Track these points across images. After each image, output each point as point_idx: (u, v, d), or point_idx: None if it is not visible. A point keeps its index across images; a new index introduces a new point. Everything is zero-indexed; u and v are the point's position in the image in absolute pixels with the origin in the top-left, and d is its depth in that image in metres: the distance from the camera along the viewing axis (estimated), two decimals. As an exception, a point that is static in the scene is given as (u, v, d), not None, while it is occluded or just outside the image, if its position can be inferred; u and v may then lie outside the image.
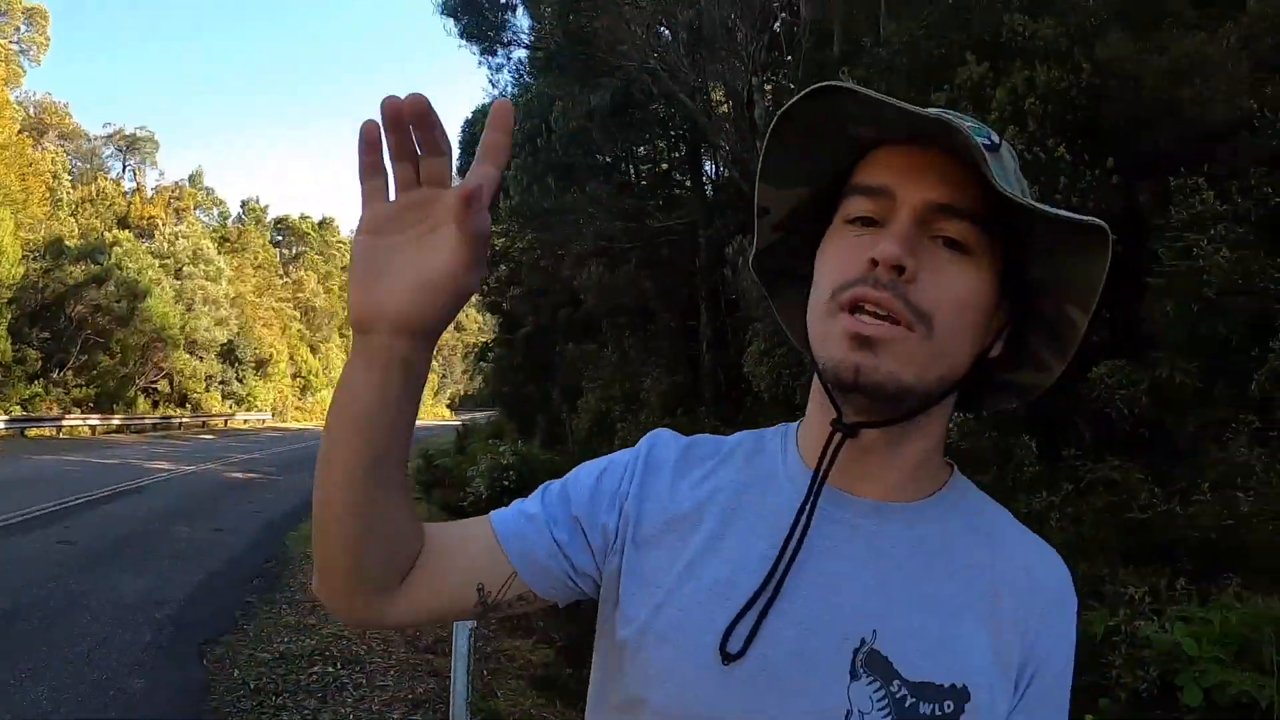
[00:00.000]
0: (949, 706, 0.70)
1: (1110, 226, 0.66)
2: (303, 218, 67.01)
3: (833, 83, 0.67)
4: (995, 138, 0.70)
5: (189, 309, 36.27)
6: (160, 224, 39.96)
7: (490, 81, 14.70)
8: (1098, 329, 5.22)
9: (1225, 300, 4.69)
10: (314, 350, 53.70)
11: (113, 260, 30.89)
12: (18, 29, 32.15)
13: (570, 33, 11.74)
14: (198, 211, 47.92)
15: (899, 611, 0.71)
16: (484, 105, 14.34)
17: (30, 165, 29.72)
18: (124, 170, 47.10)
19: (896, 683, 0.69)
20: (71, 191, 36.27)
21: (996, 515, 0.80)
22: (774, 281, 0.85)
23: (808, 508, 0.73)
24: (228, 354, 40.33)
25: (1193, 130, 5.25)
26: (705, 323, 11.94)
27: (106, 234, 33.10)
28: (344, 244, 72.86)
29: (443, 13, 12.42)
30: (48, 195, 31.09)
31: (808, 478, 0.75)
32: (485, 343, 27.12)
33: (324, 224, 69.12)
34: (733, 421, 10.28)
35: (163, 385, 34.59)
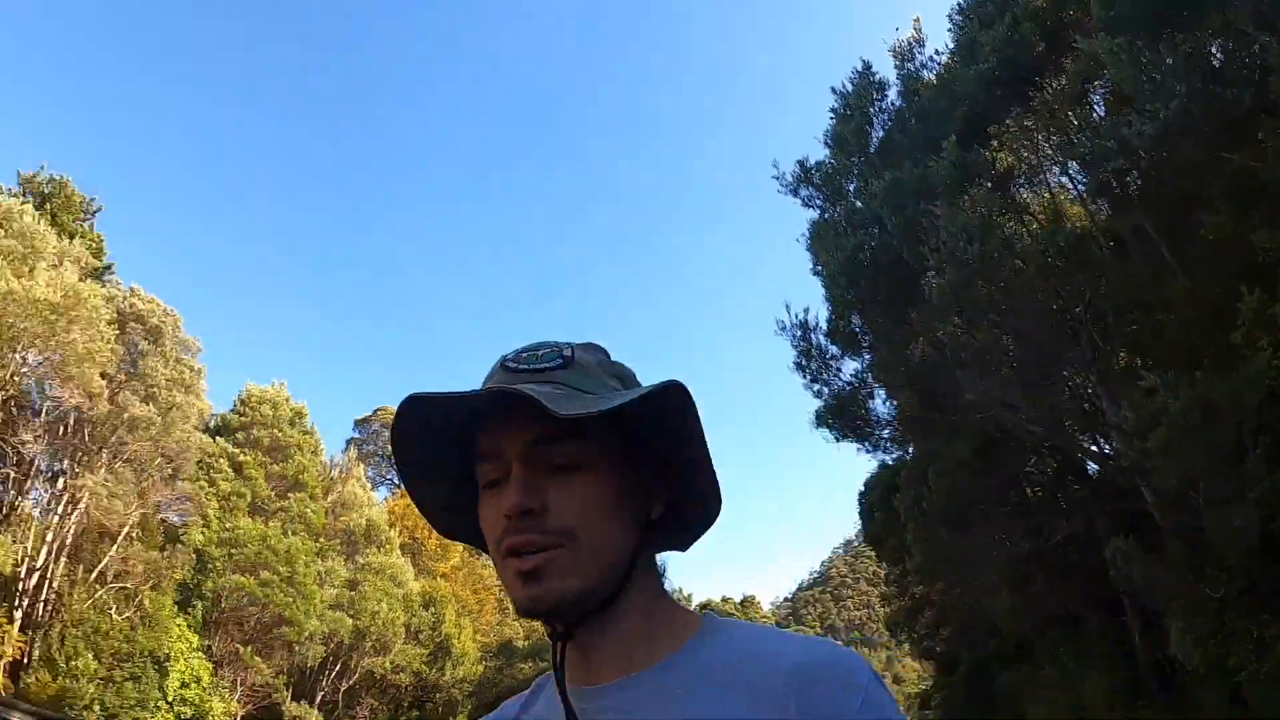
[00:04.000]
0: None
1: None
2: (724, 599, 68.61)
3: (414, 393, 0.77)
4: (568, 352, 0.82)
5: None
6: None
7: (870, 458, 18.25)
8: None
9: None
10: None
11: (558, 655, 35.18)
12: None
13: (921, 401, 14.03)
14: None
15: None
16: (873, 475, 18.60)
17: (480, 580, 36.32)
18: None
19: None
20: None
21: (759, 634, 0.82)
22: (439, 514, 0.91)
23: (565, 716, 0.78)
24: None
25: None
26: (1131, 615, 12.34)
27: (550, 634, 38.03)
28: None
29: (818, 427, 15.68)
30: (497, 605, 37.14)
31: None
32: (925, 690, 26.35)
33: (745, 602, 71.34)
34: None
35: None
